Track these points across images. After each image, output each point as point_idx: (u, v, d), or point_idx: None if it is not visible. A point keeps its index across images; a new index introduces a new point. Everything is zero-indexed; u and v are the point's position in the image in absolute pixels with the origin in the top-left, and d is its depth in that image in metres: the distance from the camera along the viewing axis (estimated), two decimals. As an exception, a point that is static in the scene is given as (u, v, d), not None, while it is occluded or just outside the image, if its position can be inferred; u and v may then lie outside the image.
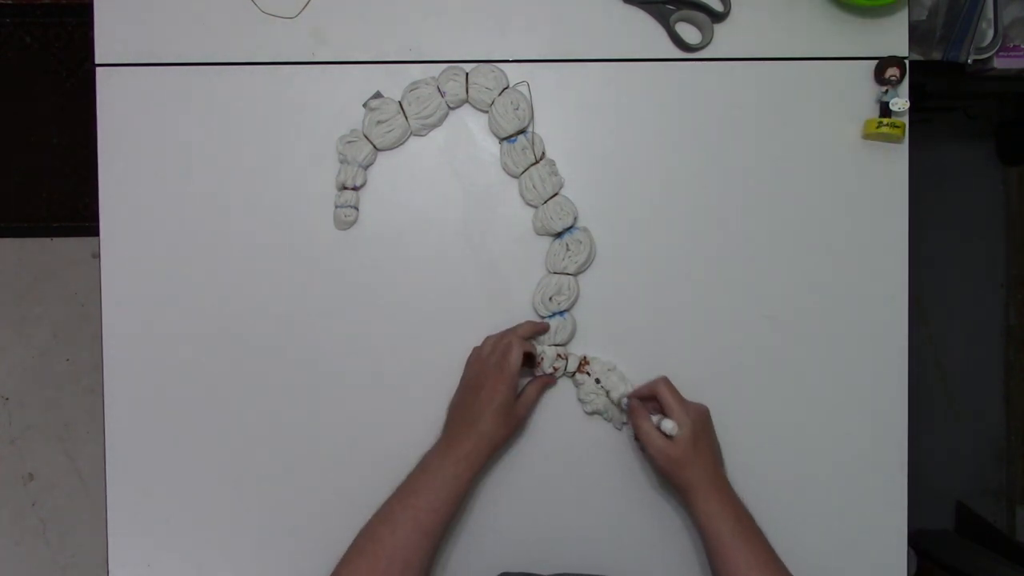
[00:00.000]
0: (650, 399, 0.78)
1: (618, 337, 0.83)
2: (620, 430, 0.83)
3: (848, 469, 0.83)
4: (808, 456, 0.82)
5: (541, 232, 0.82)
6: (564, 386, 0.83)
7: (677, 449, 0.74)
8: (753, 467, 0.82)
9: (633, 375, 0.82)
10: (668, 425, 0.74)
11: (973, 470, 1.68)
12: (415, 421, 0.82)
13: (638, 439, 0.78)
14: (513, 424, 0.78)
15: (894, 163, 0.82)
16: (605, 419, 0.82)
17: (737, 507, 0.75)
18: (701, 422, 0.77)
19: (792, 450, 0.82)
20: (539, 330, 0.81)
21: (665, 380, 0.78)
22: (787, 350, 0.83)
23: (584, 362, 0.82)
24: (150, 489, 0.83)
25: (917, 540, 1.48)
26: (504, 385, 0.76)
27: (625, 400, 0.80)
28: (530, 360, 0.80)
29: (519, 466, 0.82)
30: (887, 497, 0.83)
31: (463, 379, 0.80)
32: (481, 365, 0.79)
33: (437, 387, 0.82)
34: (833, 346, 0.83)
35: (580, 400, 0.82)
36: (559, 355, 0.81)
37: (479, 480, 0.81)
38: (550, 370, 0.81)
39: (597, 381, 0.81)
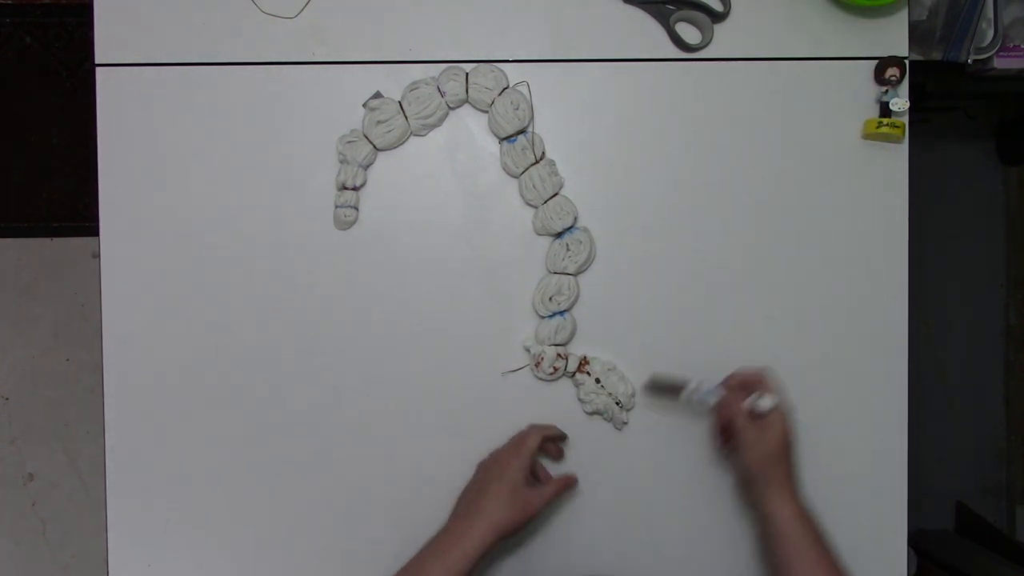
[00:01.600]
0: (742, 388, 0.75)
1: (618, 337, 0.83)
2: (620, 430, 0.82)
3: (848, 469, 0.83)
4: (808, 456, 0.82)
5: (541, 232, 0.82)
6: (564, 386, 0.82)
7: (772, 443, 0.72)
8: (753, 467, 0.82)
9: (633, 375, 0.82)
10: (767, 402, 0.72)
11: (973, 470, 1.68)
12: (415, 420, 0.82)
13: (734, 433, 0.75)
14: (521, 509, 0.72)
15: (894, 163, 0.82)
16: (605, 419, 0.82)
17: (812, 513, 0.73)
18: (790, 417, 0.75)
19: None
20: (559, 436, 0.80)
21: (765, 373, 0.75)
22: (787, 350, 0.83)
23: (584, 362, 0.82)
24: (150, 489, 0.83)
25: (917, 540, 1.48)
26: (517, 461, 0.73)
27: (708, 389, 0.77)
28: (555, 452, 0.80)
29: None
30: (887, 497, 0.83)
31: (480, 464, 0.77)
32: (494, 454, 0.77)
33: (437, 386, 0.82)
34: (833, 346, 0.83)
35: (580, 400, 0.82)
36: (559, 355, 0.81)
37: (449, 491, 0.78)
38: (550, 370, 0.81)
39: (597, 381, 0.81)
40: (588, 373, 0.81)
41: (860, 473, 0.83)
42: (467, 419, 0.82)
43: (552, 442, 0.80)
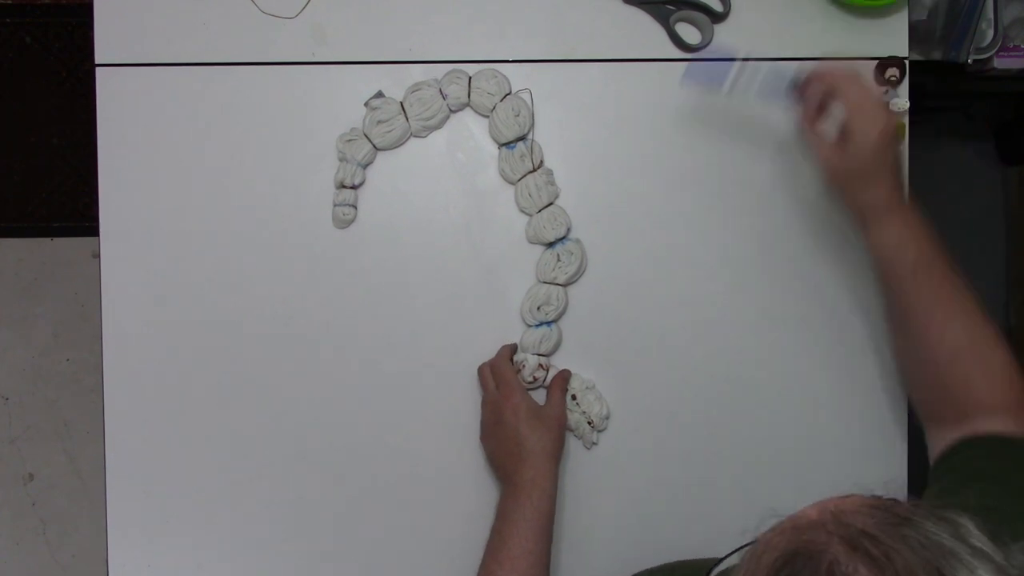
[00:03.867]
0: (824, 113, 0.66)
1: (602, 353, 0.82)
2: (589, 449, 0.82)
3: (848, 469, 0.83)
4: (808, 456, 0.82)
5: (533, 240, 0.82)
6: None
7: (855, 159, 0.62)
8: (753, 467, 0.82)
9: (612, 394, 0.82)
10: (901, 101, 0.66)
11: (973, 470, 1.67)
12: (415, 419, 0.82)
13: (813, 151, 0.67)
14: (553, 425, 0.76)
15: (894, 163, 0.82)
16: (576, 436, 0.82)
17: (921, 237, 0.65)
18: (891, 132, 0.64)
19: (792, 450, 0.82)
20: (512, 349, 0.81)
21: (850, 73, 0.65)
22: (787, 350, 0.83)
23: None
24: (150, 489, 0.83)
25: (917, 540, 1.48)
26: (517, 396, 0.75)
27: (790, 84, 0.66)
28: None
29: (485, 472, 0.82)
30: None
31: (483, 424, 0.80)
32: (490, 399, 0.78)
33: (436, 385, 0.82)
34: (833, 346, 0.83)
35: None
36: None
37: (448, 491, 0.81)
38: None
39: (573, 398, 0.81)
40: (566, 389, 0.81)
41: (860, 473, 0.83)
42: (459, 420, 0.82)
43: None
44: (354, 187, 0.82)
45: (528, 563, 0.71)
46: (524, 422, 0.75)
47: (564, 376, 0.80)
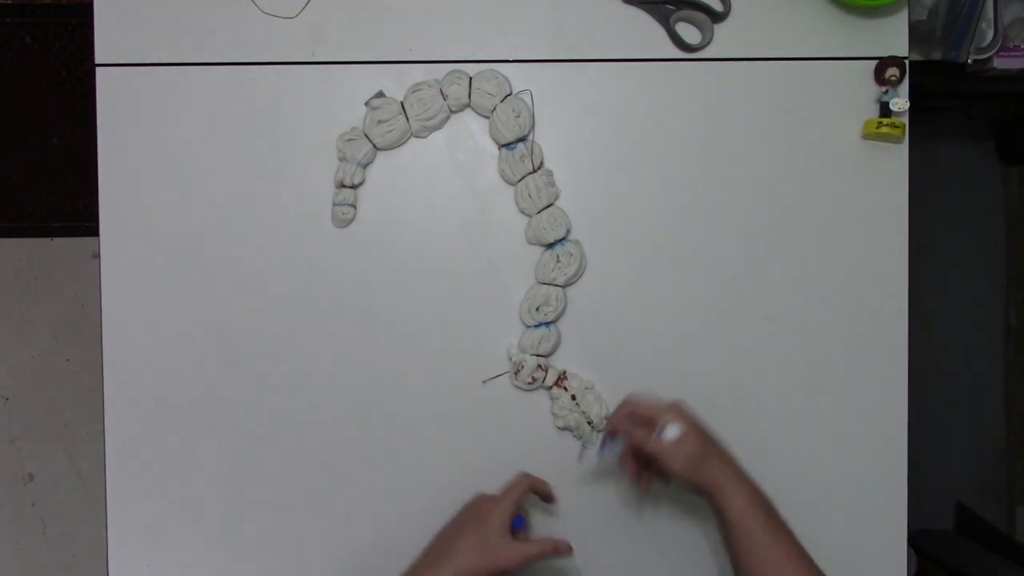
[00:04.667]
0: (622, 424, 0.73)
1: (601, 354, 0.83)
2: (588, 449, 0.81)
3: (848, 469, 0.83)
4: (808, 456, 0.83)
5: (533, 241, 0.82)
6: (538, 397, 0.82)
7: (691, 445, 0.69)
8: (753, 468, 0.82)
9: (611, 395, 0.82)
10: (672, 431, 0.70)
11: (973, 470, 1.68)
12: (414, 420, 0.82)
13: (651, 458, 0.72)
14: (493, 559, 0.69)
15: (894, 163, 0.82)
16: (575, 436, 0.82)
17: (766, 500, 0.71)
18: (688, 415, 0.72)
19: (792, 451, 0.82)
20: (548, 494, 0.78)
21: (629, 398, 0.74)
22: (787, 350, 0.83)
23: (563, 377, 0.81)
24: (150, 489, 0.83)
25: (917, 540, 1.48)
26: (499, 508, 0.71)
27: (608, 444, 0.75)
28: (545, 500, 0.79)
29: (483, 472, 0.81)
30: (887, 497, 0.83)
31: (452, 517, 0.75)
32: (479, 497, 0.75)
33: (435, 386, 0.82)
34: (833, 346, 0.83)
35: (553, 413, 0.82)
36: (539, 366, 0.81)
37: (448, 491, 0.80)
38: (529, 380, 0.81)
39: (573, 398, 0.81)
40: (565, 388, 0.81)
41: (860, 473, 0.83)
42: (452, 421, 0.82)
43: (541, 493, 0.78)
44: (354, 187, 0.82)
45: None
46: (474, 527, 0.70)
47: (560, 549, 0.73)
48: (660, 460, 0.71)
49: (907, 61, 0.82)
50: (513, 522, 0.72)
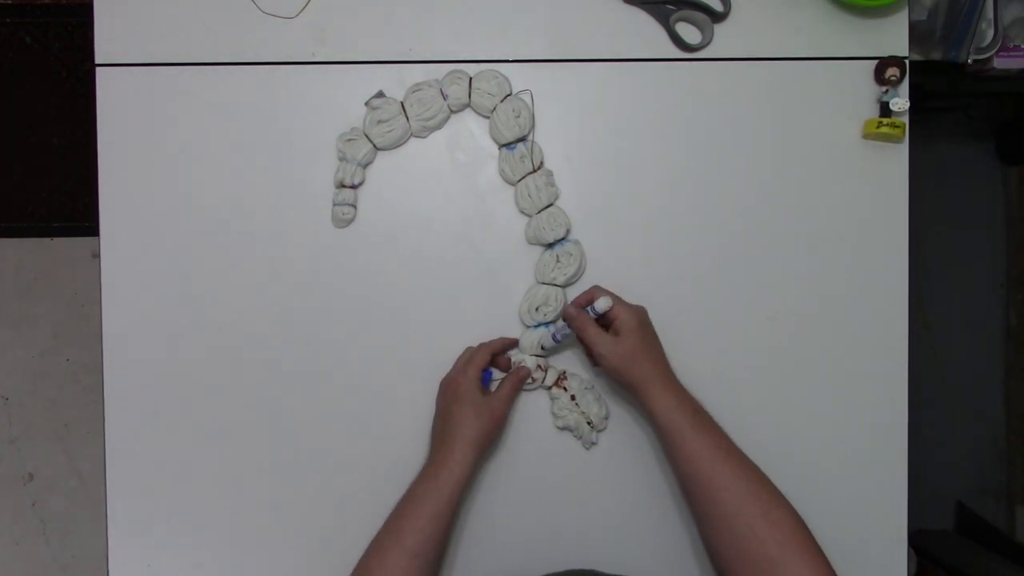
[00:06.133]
0: (587, 306, 0.77)
1: None
2: (588, 449, 0.82)
3: (848, 469, 0.83)
4: (808, 456, 0.82)
5: (533, 241, 0.82)
6: (538, 398, 0.82)
7: (626, 345, 0.74)
8: (753, 467, 0.82)
9: (611, 395, 0.82)
10: (601, 303, 0.74)
11: (973, 470, 1.68)
12: (414, 420, 0.82)
13: (586, 345, 0.77)
14: (488, 417, 0.75)
15: (894, 163, 0.82)
16: (575, 436, 0.82)
17: (692, 400, 0.74)
18: (644, 318, 0.77)
19: (792, 450, 0.82)
20: (508, 344, 0.81)
21: (599, 286, 0.78)
22: (787, 350, 0.83)
23: (563, 377, 0.82)
24: (150, 489, 0.83)
25: (917, 540, 1.48)
26: (465, 378, 0.76)
27: (562, 325, 0.78)
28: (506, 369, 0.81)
29: (483, 472, 0.82)
30: (887, 497, 0.83)
31: (436, 397, 0.80)
32: (445, 380, 0.79)
33: (434, 386, 0.82)
34: (833, 346, 0.83)
35: (553, 413, 0.82)
36: (539, 366, 0.81)
37: None
38: (528, 380, 0.81)
39: (572, 398, 0.81)
40: (565, 389, 0.81)
41: (860, 473, 0.83)
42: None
43: (500, 355, 0.81)
44: (354, 187, 0.82)
45: (415, 541, 0.70)
46: (456, 403, 0.75)
47: (521, 375, 0.80)
48: (593, 350, 0.75)
49: (907, 61, 0.82)
50: (483, 381, 0.79)
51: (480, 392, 0.76)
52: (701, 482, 0.71)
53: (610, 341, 0.74)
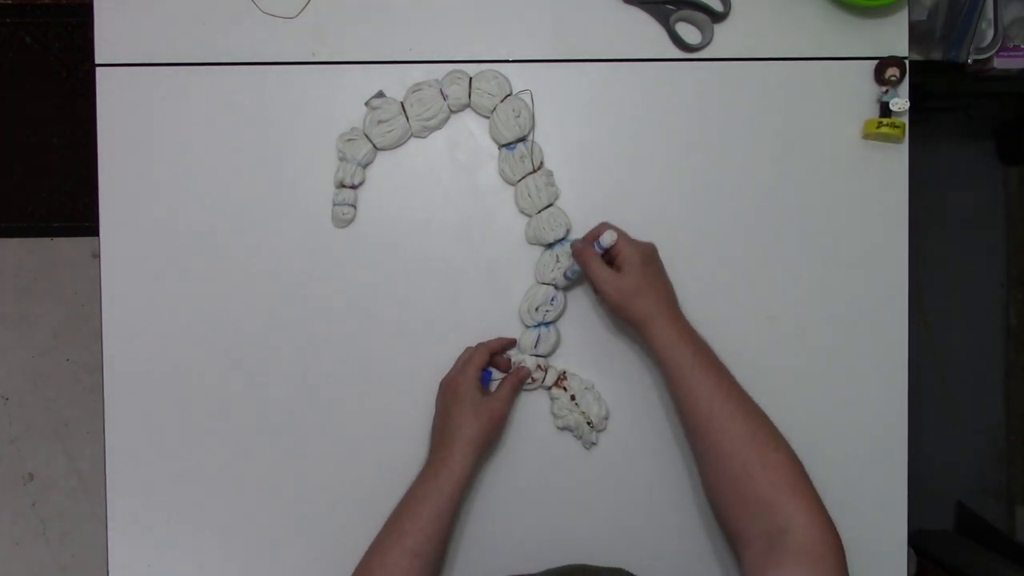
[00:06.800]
0: (594, 241, 0.77)
1: (601, 354, 0.83)
2: (588, 449, 0.82)
3: (848, 469, 0.83)
4: (808, 456, 0.82)
5: (533, 241, 0.82)
6: (538, 398, 0.82)
7: (628, 280, 0.73)
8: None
9: (612, 394, 0.82)
10: (606, 238, 0.74)
11: (973, 470, 1.68)
12: (414, 419, 0.82)
13: (589, 280, 0.77)
14: (487, 417, 0.75)
15: (894, 163, 0.82)
16: (575, 436, 0.82)
17: (695, 337, 0.73)
18: (649, 254, 0.76)
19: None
20: (506, 344, 0.81)
21: (607, 222, 0.77)
22: (787, 350, 0.83)
23: (563, 377, 0.81)
24: (150, 489, 0.83)
25: (917, 540, 1.48)
26: (464, 378, 0.76)
27: (573, 263, 0.78)
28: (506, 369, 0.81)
29: (483, 472, 0.82)
30: (887, 497, 0.83)
31: (435, 412, 0.80)
32: (444, 381, 0.79)
33: (435, 385, 0.82)
34: (833, 346, 0.83)
35: (553, 414, 0.82)
36: (539, 366, 0.81)
37: None
38: (528, 380, 0.81)
39: (572, 398, 0.81)
40: (565, 389, 0.81)
41: (860, 473, 0.83)
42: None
43: (499, 355, 0.81)
44: (354, 187, 0.82)
45: (416, 541, 0.71)
46: (456, 404, 0.75)
47: (521, 375, 0.80)
48: (596, 285, 0.75)
49: (907, 61, 0.82)
50: (482, 381, 0.79)
51: (480, 392, 0.76)
52: (699, 421, 0.70)
53: (612, 276, 0.74)
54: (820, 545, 0.64)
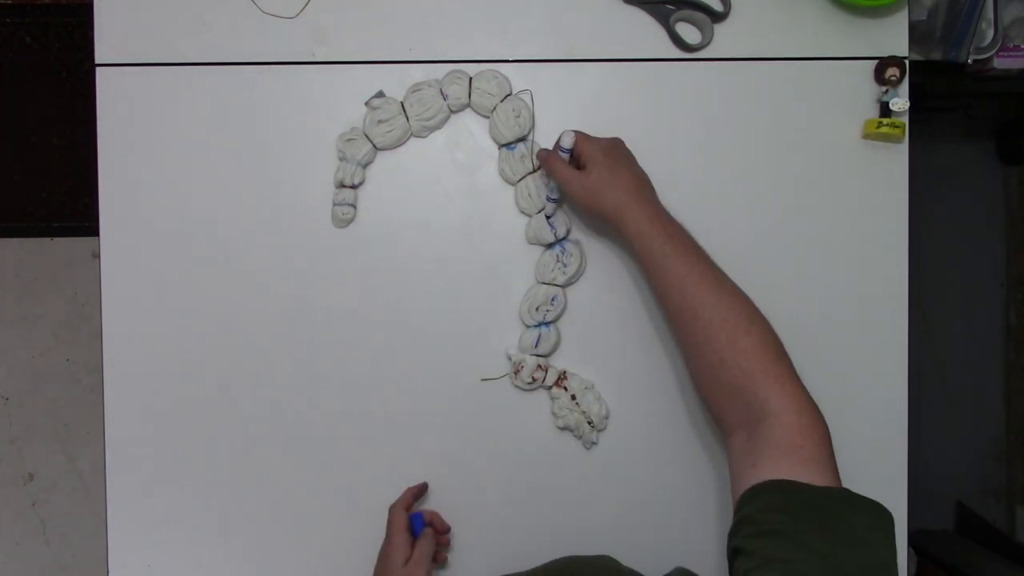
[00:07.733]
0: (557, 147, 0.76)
1: (602, 354, 0.83)
2: (588, 449, 0.82)
3: (848, 469, 0.82)
4: (808, 456, 0.82)
5: (533, 241, 0.82)
6: (538, 398, 0.82)
7: (592, 176, 0.72)
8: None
9: (612, 394, 0.82)
10: (565, 139, 0.73)
11: (973, 470, 1.68)
12: (414, 420, 0.82)
13: (556, 183, 0.77)
14: None
15: (894, 163, 0.82)
16: (575, 436, 0.82)
17: (668, 223, 0.71)
18: (613, 148, 0.75)
19: (792, 450, 0.82)
20: (418, 492, 0.80)
21: (569, 129, 0.76)
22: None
23: (563, 377, 0.81)
24: (150, 489, 0.83)
25: (917, 540, 1.48)
26: (393, 551, 0.75)
27: (550, 185, 0.78)
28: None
29: (483, 472, 0.82)
30: (887, 497, 0.82)
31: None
32: (381, 551, 0.78)
33: (435, 386, 0.82)
34: (833, 346, 0.83)
35: (553, 413, 0.82)
36: (539, 366, 0.81)
37: (448, 492, 0.82)
38: (529, 380, 0.81)
39: (573, 398, 0.81)
40: (565, 388, 0.81)
41: (860, 473, 0.83)
42: (453, 421, 0.82)
43: (419, 498, 0.81)
44: (354, 187, 0.82)
45: None
46: (385, 573, 0.75)
47: (428, 533, 0.78)
48: (564, 189, 0.75)
49: (907, 61, 0.82)
50: (413, 532, 0.78)
51: (399, 553, 0.75)
52: (673, 308, 0.69)
53: (576, 175, 0.73)
54: (797, 435, 0.61)
